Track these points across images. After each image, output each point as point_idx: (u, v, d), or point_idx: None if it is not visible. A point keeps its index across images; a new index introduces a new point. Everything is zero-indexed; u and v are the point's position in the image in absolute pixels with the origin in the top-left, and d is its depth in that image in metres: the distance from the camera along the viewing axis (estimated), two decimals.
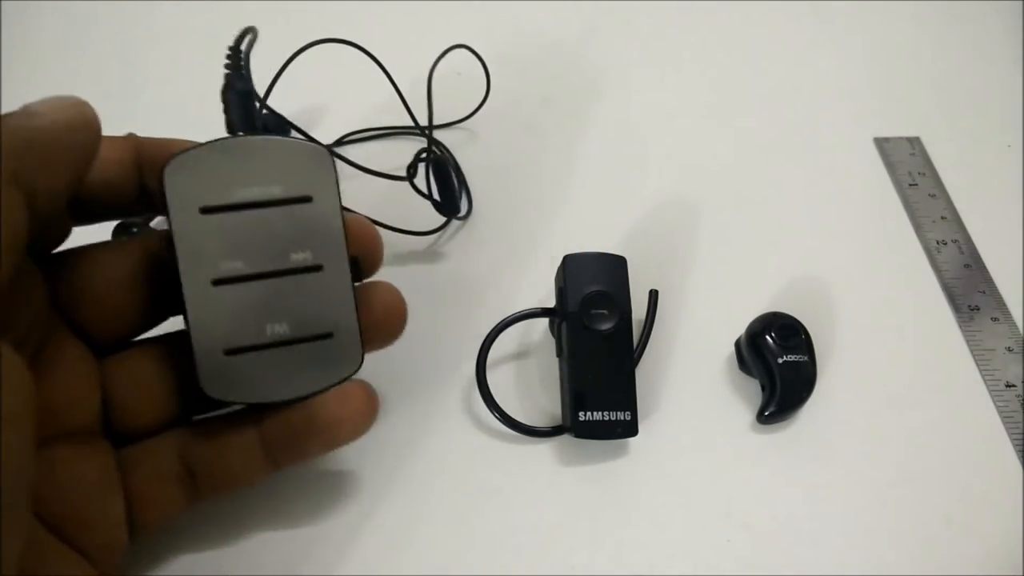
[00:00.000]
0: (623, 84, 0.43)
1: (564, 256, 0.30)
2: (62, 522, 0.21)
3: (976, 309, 0.34)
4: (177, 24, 0.45)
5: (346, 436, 0.24)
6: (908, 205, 0.38)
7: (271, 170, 0.23)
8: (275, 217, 0.23)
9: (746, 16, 0.48)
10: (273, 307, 0.23)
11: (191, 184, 0.22)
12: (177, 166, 0.22)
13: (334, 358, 0.24)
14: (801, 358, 0.30)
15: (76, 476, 0.22)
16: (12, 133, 0.18)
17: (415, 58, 0.34)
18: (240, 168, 0.22)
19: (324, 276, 0.23)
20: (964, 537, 0.28)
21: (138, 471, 0.23)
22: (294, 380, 0.23)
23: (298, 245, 0.23)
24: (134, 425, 0.24)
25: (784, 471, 0.29)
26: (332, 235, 0.24)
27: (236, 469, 0.24)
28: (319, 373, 0.24)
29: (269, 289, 0.23)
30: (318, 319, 0.24)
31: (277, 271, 0.23)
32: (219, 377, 0.23)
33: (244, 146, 0.23)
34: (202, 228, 0.22)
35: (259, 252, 0.23)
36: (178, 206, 0.22)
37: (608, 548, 0.27)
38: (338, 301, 0.24)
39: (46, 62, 0.43)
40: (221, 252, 0.22)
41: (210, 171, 0.22)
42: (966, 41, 0.47)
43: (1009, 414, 0.31)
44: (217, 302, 0.22)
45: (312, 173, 0.23)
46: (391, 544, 0.27)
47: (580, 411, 0.28)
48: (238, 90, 0.24)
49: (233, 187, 0.22)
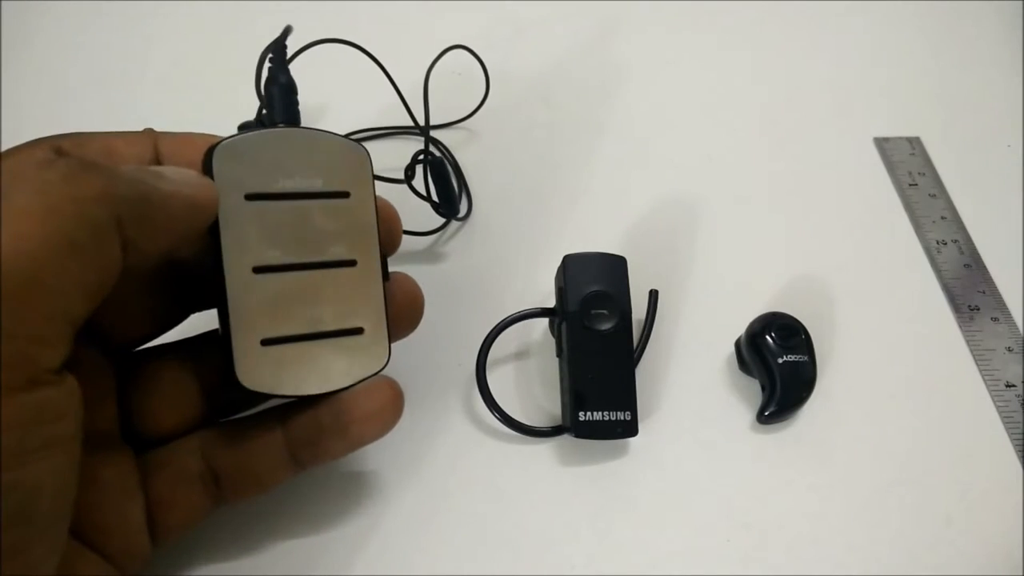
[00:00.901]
0: (623, 84, 0.43)
1: (564, 256, 0.30)
2: (83, 526, 0.21)
3: (976, 309, 0.34)
4: (177, 24, 0.45)
5: (374, 432, 0.24)
6: (908, 205, 0.38)
7: (313, 163, 0.23)
8: (314, 209, 0.23)
9: (746, 16, 0.48)
10: (309, 298, 0.23)
11: (238, 170, 0.22)
12: (225, 151, 0.22)
13: (364, 353, 0.24)
14: (801, 358, 0.30)
15: (94, 482, 0.22)
16: (132, 183, 0.18)
17: (415, 58, 0.34)
18: (285, 158, 0.23)
19: (357, 271, 0.24)
20: (964, 537, 0.28)
21: (161, 474, 0.23)
22: (325, 374, 0.23)
23: (335, 239, 0.23)
24: (158, 429, 0.24)
25: (784, 471, 0.29)
26: (367, 231, 0.24)
27: (261, 471, 0.24)
28: (349, 367, 0.24)
29: (306, 280, 0.23)
30: (350, 313, 0.24)
31: (314, 263, 0.23)
32: (254, 367, 0.22)
33: (289, 137, 0.23)
34: (246, 214, 0.22)
35: (298, 242, 0.23)
36: (225, 191, 0.22)
37: (608, 548, 0.27)
38: (369, 297, 0.24)
39: (46, 62, 0.43)
40: (263, 240, 0.22)
41: (257, 158, 0.22)
42: (966, 41, 0.47)
43: (1009, 414, 0.31)
44: (256, 290, 0.22)
45: (351, 169, 0.24)
46: (391, 544, 0.27)
47: (580, 411, 0.28)
48: (281, 83, 0.24)
49: (278, 176, 0.23)
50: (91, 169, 0.17)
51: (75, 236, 0.16)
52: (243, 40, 0.26)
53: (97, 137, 0.22)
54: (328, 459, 0.25)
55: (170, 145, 0.23)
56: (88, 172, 0.17)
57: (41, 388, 0.16)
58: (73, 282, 0.16)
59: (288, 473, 0.24)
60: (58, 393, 0.17)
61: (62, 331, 0.16)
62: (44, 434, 0.16)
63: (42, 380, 0.16)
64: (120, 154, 0.22)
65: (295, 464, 0.24)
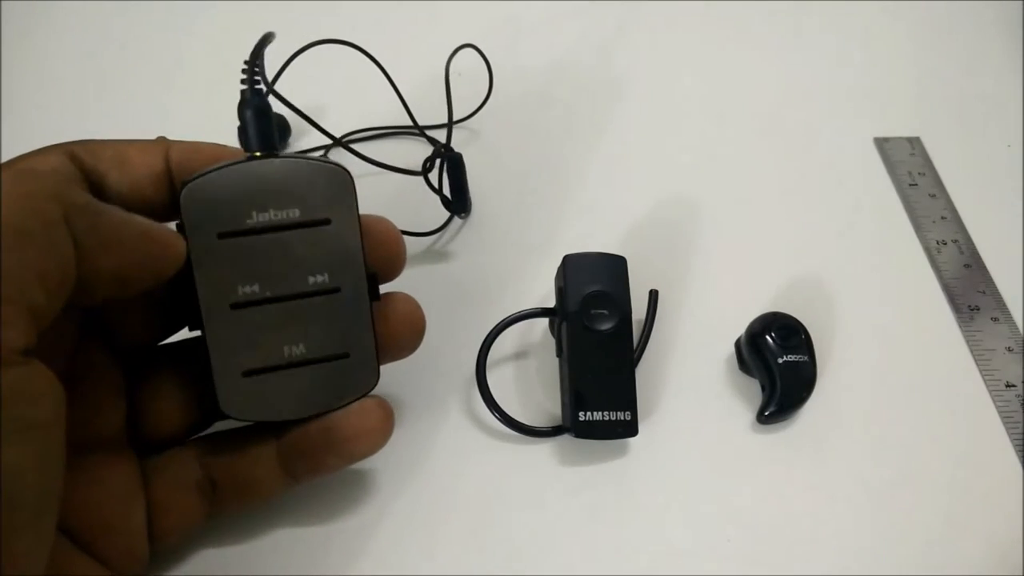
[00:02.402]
0: (623, 84, 0.43)
1: (564, 256, 0.30)
2: (84, 530, 0.21)
3: (976, 309, 0.34)
4: (177, 25, 0.45)
5: (363, 451, 0.25)
6: (908, 205, 0.38)
7: (289, 193, 0.23)
8: (293, 240, 0.23)
9: (746, 16, 0.48)
10: (290, 329, 0.23)
11: (208, 209, 0.22)
12: (194, 191, 0.22)
13: (350, 377, 0.24)
14: (801, 358, 0.30)
15: (101, 484, 0.22)
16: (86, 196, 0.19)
17: (414, 58, 0.34)
18: (257, 192, 0.22)
19: (341, 298, 0.24)
20: (964, 537, 0.28)
21: (159, 478, 0.23)
22: (310, 398, 0.24)
23: (316, 268, 0.23)
24: (160, 433, 0.24)
25: (784, 471, 0.29)
26: (350, 257, 0.24)
27: (254, 481, 0.24)
28: (335, 392, 0.24)
29: (287, 311, 0.23)
30: (334, 340, 0.24)
31: (294, 294, 0.23)
32: (237, 397, 0.23)
33: (261, 169, 0.22)
34: (220, 253, 0.22)
35: (277, 276, 0.23)
36: (196, 232, 0.22)
37: (608, 548, 0.27)
38: (355, 322, 0.24)
39: (46, 62, 0.43)
40: (239, 276, 0.22)
41: (227, 196, 0.22)
42: (966, 41, 0.47)
43: (1009, 414, 0.31)
44: (235, 325, 0.23)
45: (330, 195, 0.23)
46: (391, 544, 0.27)
47: (580, 411, 0.28)
48: (255, 106, 0.23)
49: (251, 211, 0.22)
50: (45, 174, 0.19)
51: (25, 225, 0.17)
52: (245, 40, 0.26)
53: (110, 144, 0.22)
54: (321, 473, 0.25)
55: (180, 153, 0.23)
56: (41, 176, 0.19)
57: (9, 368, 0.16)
58: (27, 267, 0.17)
59: (282, 485, 0.25)
60: (27, 374, 0.17)
61: (21, 314, 0.17)
62: (18, 415, 0.16)
63: (8, 360, 0.16)
64: (132, 162, 0.22)
65: (290, 476, 0.25)
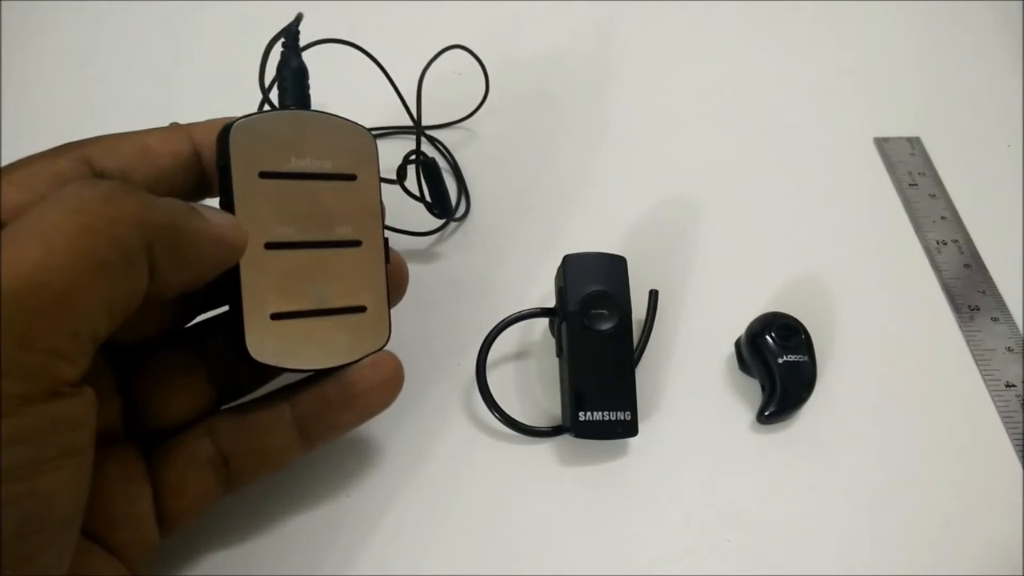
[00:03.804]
0: (623, 84, 0.43)
1: (564, 256, 0.30)
2: (89, 520, 0.21)
3: (976, 309, 0.34)
4: (178, 25, 0.45)
5: (379, 404, 0.25)
6: (908, 205, 0.38)
7: (324, 145, 0.24)
8: (323, 190, 0.24)
9: (746, 16, 0.48)
10: (316, 276, 0.24)
11: (254, 148, 0.23)
12: (241, 130, 0.22)
13: (366, 331, 0.25)
14: (801, 358, 0.30)
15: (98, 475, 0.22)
16: (167, 213, 0.19)
17: (415, 58, 0.34)
18: (297, 139, 0.23)
19: (362, 252, 0.25)
20: (964, 537, 0.28)
21: (170, 462, 0.23)
22: (330, 349, 0.24)
23: (342, 219, 0.24)
24: (165, 422, 0.24)
25: (784, 471, 0.29)
26: (371, 214, 0.25)
27: (270, 449, 0.24)
28: (352, 344, 0.24)
29: (314, 258, 0.24)
30: (354, 292, 0.24)
31: (323, 241, 0.24)
32: (264, 340, 0.23)
33: (302, 119, 0.24)
34: (260, 191, 0.23)
35: (308, 221, 0.24)
36: (240, 168, 0.22)
37: (608, 548, 0.27)
38: (372, 277, 0.25)
39: (46, 62, 0.43)
40: (275, 217, 0.23)
41: (271, 138, 0.23)
42: (966, 41, 0.47)
43: (1009, 414, 0.31)
44: (267, 265, 0.23)
45: (358, 153, 0.25)
46: (390, 544, 0.27)
47: (580, 411, 0.28)
48: (293, 67, 0.25)
49: (291, 156, 0.23)
50: (130, 193, 0.18)
51: (106, 257, 0.17)
52: (246, 40, 0.26)
53: (129, 138, 0.22)
54: (337, 433, 0.25)
55: (203, 134, 0.23)
56: (127, 196, 0.18)
57: (60, 400, 0.16)
58: (100, 302, 0.17)
59: (297, 450, 0.25)
60: (76, 405, 0.17)
61: (85, 348, 0.17)
62: (60, 444, 0.16)
63: (61, 392, 0.16)
64: (156, 151, 0.22)
65: (304, 441, 0.24)
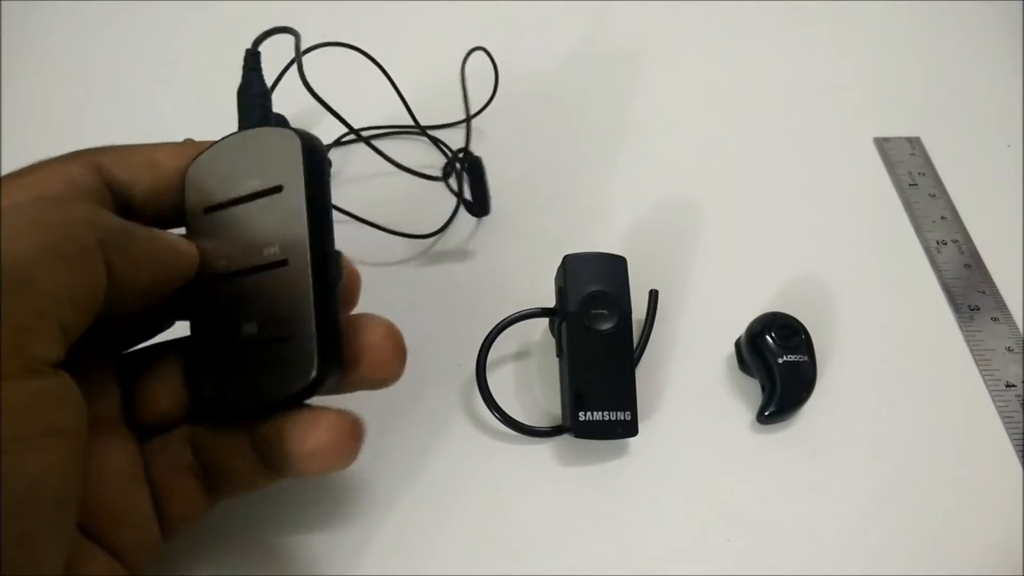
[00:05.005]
0: (622, 84, 0.43)
1: (564, 256, 0.30)
2: (91, 519, 0.21)
3: (976, 309, 0.34)
4: (178, 25, 0.45)
5: (318, 467, 0.22)
6: (908, 205, 0.38)
7: (253, 162, 0.23)
8: (254, 211, 0.22)
9: (746, 16, 0.48)
10: (247, 306, 0.22)
11: (200, 185, 0.23)
12: (196, 168, 0.22)
13: (288, 366, 0.21)
14: (801, 358, 0.30)
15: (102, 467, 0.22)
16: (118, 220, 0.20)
17: (416, 59, 0.34)
18: (233, 164, 0.23)
19: (288, 271, 0.22)
20: (964, 537, 0.28)
21: (158, 463, 0.23)
22: (257, 387, 0.22)
23: (269, 238, 0.22)
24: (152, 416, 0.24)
25: (784, 471, 0.29)
26: (296, 226, 0.22)
27: (237, 473, 0.24)
28: (277, 381, 0.22)
29: (245, 287, 0.22)
30: (278, 319, 0.22)
31: (251, 267, 0.22)
32: (207, 383, 0.23)
33: (239, 141, 0.23)
34: (206, 228, 0.23)
35: (240, 248, 0.22)
36: (192, 210, 0.23)
37: (608, 548, 0.27)
38: (296, 300, 0.21)
39: (46, 62, 0.43)
40: (216, 250, 0.23)
41: (214, 170, 0.23)
42: (966, 41, 0.47)
43: (1009, 414, 0.31)
44: (211, 302, 0.23)
45: (282, 160, 0.22)
46: (391, 544, 0.27)
47: (580, 411, 0.28)
48: (254, 92, 0.24)
49: (227, 183, 0.23)
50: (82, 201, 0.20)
51: (62, 248, 0.18)
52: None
53: (140, 150, 0.23)
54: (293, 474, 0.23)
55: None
56: (79, 203, 0.20)
57: (38, 378, 0.17)
58: (61, 287, 0.18)
59: (265, 478, 0.24)
60: (54, 384, 0.18)
61: (52, 329, 0.18)
62: (43, 422, 0.17)
63: (38, 371, 0.17)
64: (163, 165, 0.23)
65: (272, 471, 0.23)
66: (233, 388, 0.22)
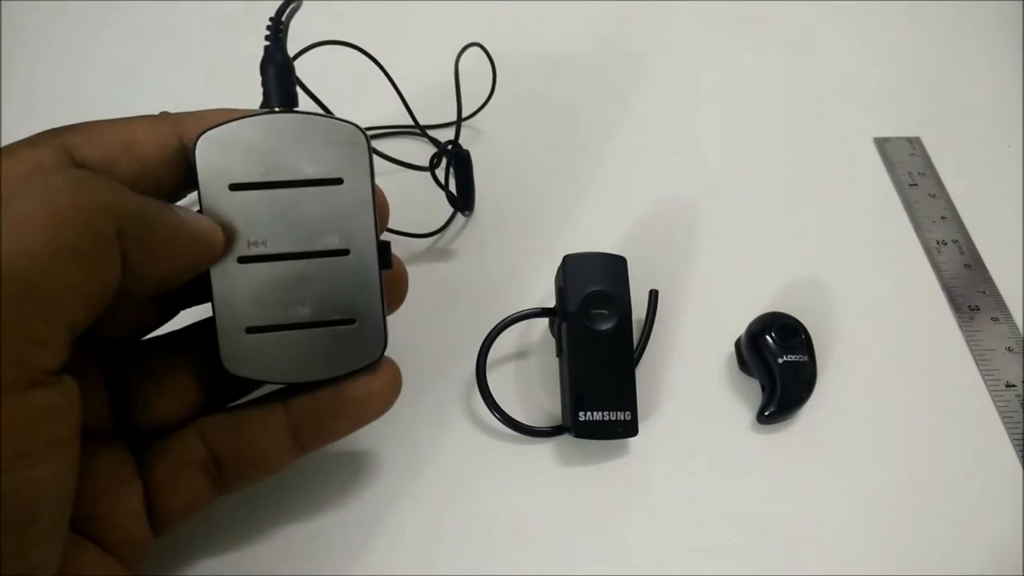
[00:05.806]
0: (623, 84, 0.43)
1: (564, 256, 0.30)
2: (79, 519, 0.21)
3: (976, 309, 0.34)
4: (178, 25, 0.45)
5: (374, 411, 0.24)
6: (908, 205, 0.38)
7: (303, 149, 0.23)
8: (304, 197, 0.23)
9: (747, 17, 0.48)
10: (297, 289, 0.23)
11: (222, 160, 0.22)
12: (209, 141, 0.22)
13: (356, 344, 0.24)
14: (801, 358, 0.30)
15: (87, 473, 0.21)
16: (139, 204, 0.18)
17: (415, 57, 0.34)
18: (272, 145, 0.22)
19: (350, 261, 0.23)
20: (964, 537, 0.28)
21: (162, 461, 0.23)
22: (313, 363, 0.23)
23: (326, 227, 0.23)
24: (156, 419, 0.24)
25: (784, 471, 0.29)
26: (361, 219, 0.23)
27: (263, 454, 0.24)
28: (339, 358, 0.24)
29: (294, 270, 0.23)
30: (341, 304, 0.23)
31: (303, 253, 0.23)
32: (239, 353, 0.23)
33: (278, 123, 0.23)
34: (230, 205, 0.22)
35: (286, 232, 0.23)
36: (208, 181, 0.22)
37: (608, 548, 0.27)
38: (363, 287, 0.24)
39: (46, 62, 0.43)
40: (248, 230, 0.22)
41: (242, 147, 0.22)
42: (966, 41, 0.47)
43: (1009, 414, 0.31)
44: (241, 280, 0.22)
45: (344, 154, 0.23)
46: (391, 544, 0.27)
47: (580, 411, 0.28)
48: (277, 63, 0.23)
49: (264, 165, 0.22)
50: (100, 181, 0.18)
51: (77, 244, 0.16)
52: (249, 35, 0.26)
53: (113, 127, 0.22)
54: (330, 439, 0.25)
55: (192, 126, 0.22)
56: (96, 183, 0.17)
57: (40, 389, 0.16)
58: (73, 289, 0.17)
59: (291, 456, 0.24)
60: (57, 394, 0.17)
61: (61, 335, 0.17)
62: (44, 435, 0.16)
63: (41, 381, 0.16)
64: (141, 144, 0.22)
65: (298, 446, 0.24)
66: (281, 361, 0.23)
